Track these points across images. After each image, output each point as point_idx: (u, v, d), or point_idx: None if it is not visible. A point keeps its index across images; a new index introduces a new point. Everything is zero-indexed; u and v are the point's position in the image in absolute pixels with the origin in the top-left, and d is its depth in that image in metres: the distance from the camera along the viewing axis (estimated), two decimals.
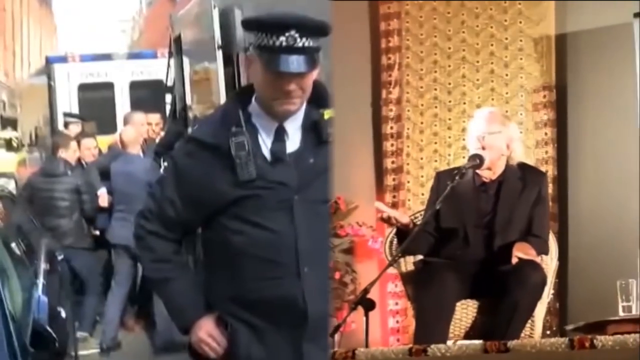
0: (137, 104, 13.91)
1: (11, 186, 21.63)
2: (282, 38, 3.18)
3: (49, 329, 4.63)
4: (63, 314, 5.72)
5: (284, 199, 3.30)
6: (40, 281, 5.68)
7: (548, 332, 5.70)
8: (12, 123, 28.37)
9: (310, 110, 3.37)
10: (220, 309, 3.39)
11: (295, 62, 3.20)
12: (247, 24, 3.31)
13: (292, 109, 3.30)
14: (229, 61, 7.98)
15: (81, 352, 7.23)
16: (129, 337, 8.49)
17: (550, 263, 5.24)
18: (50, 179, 8.56)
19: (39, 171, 8.93)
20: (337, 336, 4.74)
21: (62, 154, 8.74)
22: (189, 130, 9.47)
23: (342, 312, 6.07)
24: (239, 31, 7.68)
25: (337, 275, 6.30)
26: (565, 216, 6.16)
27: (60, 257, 7.16)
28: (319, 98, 3.37)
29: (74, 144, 9.00)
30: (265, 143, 3.32)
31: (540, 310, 5.12)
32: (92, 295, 8.58)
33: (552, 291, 5.32)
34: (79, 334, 7.53)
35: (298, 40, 3.19)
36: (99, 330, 8.41)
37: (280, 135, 3.33)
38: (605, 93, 6.15)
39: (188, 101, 9.76)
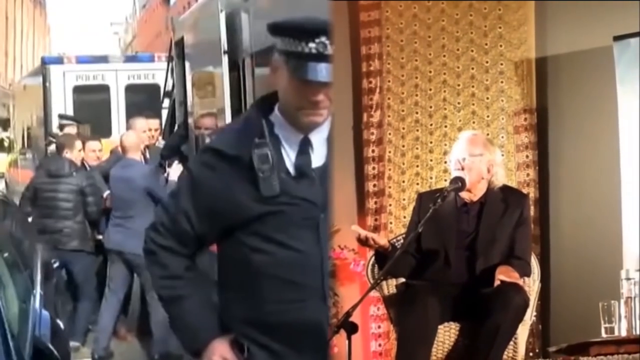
0: (133, 107, 13.87)
1: (0, 186, 21.63)
2: (312, 44, 2.99)
3: (50, 346, 4.56)
4: (62, 326, 5.63)
5: (309, 216, 3.12)
6: (38, 291, 5.58)
7: (531, 354, 5.69)
8: (4, 123, 28.27)
9: None
10: (236, 332, 3.20)
11: (324, 71, 3.00)
12: (275, 28, 3.10)
13: (318, 120, 3.12)
14: (234, 66, 7.94)
15: None
16: (122, 347, 8.36)
17: (532, 285, 5.24)
18: (55, 179, 8.48)
19: (44, 171, 8.82)
20: None
21: (67, 154, 8.68)
22: (190, 135, 9.40)
23: None
24: (246, 35, 7.66)
25: None
26: (547, 238, 6.16)
27: (55, 265, 7.08)
28: None
29: (78, 144, 8.95)
30: (289, 156, 3.14)
31: (523, 333, 5.11)
32: (86, 302, 8.47)
33: (534, 313, 5.32)
34: (71, 344, 7.37)
35: (328, 47, 3.00)
36: (91, 339, 8.27)
37: (305, 148, 3.15)
38: (586, 115, 6.18)
39: (189, 106, 9.70)
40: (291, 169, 3.13)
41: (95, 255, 8.65)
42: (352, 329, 4.50)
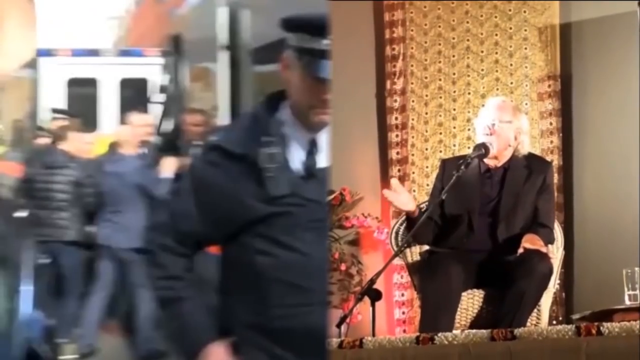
0: (126, 102, 13.84)
1: None
2: (325, 41, 2.88)
3: (41, 346, 4.52)
4: (52, 324, 5.56)
5: (316, 218, 3.00)
6: (26, 289, 5.52)
7: (554, 322, 5.70)
8: None
9: None
10: (238, 336, 3.07)
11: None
12: (288, 24, 2.98)
13: (327, 120, 3.01)
14: (232, 63, 7.92)
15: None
16: (107, 343, 8.10)
17: (556, 253, 5.23)
18: (50, 171, 8.47)
19: (38, 163, 8.81)
20: (343, 327, 4.73)
21: (62, 146, 8.69)
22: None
23: (348, 303, 6.07)
24: (245, 32, 7.63)
25: (343, 267, 6.31)
26: (570, 205, 6.16)
27: (46, 261, 7.06)
28: None
29: (73, 135, 8.94)
30: (298, 156, 3.02)
31: (547, 300, 5.11)
32: (73, 297, 8.37)
33: (558, 281, 5.32)
34: (58, 341, 7.26)
35: None
36: (77, 335, 7.97)
37: (313, 148, 3.02)
38: (610, 82, 6.15)
39: (185, 102, 9.70)
40: (299, 169, 3.02)
41: (87, 249, 8.61)
42: (376, 296, 4.53)
